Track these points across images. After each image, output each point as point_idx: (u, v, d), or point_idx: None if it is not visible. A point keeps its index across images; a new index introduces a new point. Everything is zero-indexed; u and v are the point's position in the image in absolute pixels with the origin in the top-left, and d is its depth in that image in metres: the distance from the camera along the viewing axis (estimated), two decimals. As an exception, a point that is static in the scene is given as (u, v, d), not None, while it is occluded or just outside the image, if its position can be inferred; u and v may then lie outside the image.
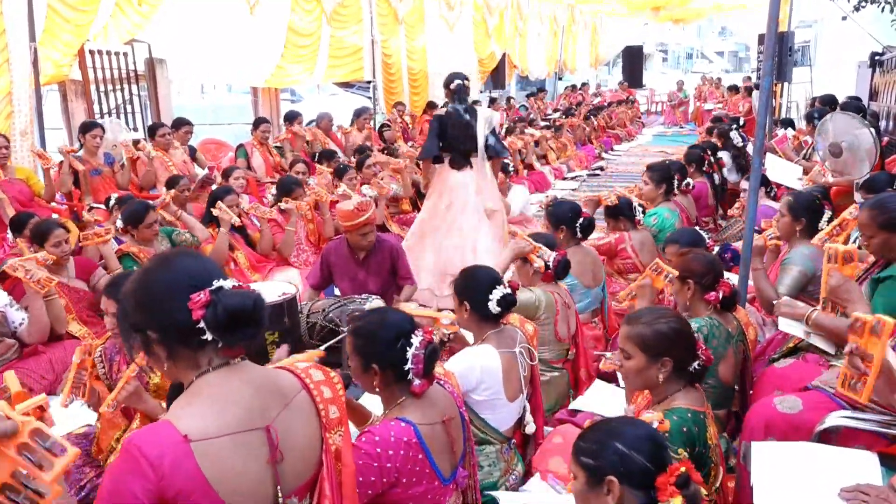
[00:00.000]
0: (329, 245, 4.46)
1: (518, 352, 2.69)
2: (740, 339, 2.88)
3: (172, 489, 1.27)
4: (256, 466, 1.38)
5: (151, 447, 1.28)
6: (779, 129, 8.22)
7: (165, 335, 1.39)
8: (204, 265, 1.43)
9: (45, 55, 5.95)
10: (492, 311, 2.65)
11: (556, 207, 4.05)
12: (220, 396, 1.38)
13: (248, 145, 7.27)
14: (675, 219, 4.91)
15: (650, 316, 2.15)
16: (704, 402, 2.16)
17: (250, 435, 1.38)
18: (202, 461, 1.30)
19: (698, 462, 2.00)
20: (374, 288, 4.23)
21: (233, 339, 1.39)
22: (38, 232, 3.75)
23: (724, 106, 16.29)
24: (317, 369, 1.59)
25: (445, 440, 2.02)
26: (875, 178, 4.58)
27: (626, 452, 1.55)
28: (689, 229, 4.00)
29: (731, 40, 41.37)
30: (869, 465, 2.03)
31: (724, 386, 2.82)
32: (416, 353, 1.96)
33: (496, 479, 2.59)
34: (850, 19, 10.93)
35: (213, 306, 1.35)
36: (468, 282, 2.74)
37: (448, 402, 2.11)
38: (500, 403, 2.62)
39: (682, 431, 1.99)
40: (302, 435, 1.49)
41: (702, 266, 2.86)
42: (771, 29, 3.31)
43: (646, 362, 2.10)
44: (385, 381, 2.01)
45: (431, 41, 12.20)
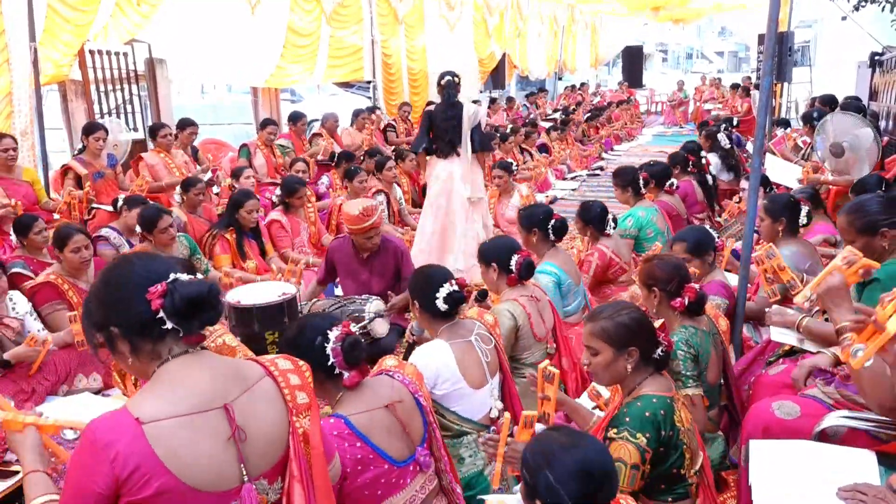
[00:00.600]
0: (334, 243, 4.48)
1: (473, 339, 2.73)
2: (714, 333, 2.87)
3: (126, 470, 1.33)
4: (215, 445, 1.42)
5: (104, 432, 1.35)
6: (778, 130, 8.23)
7: (127, 330, 1.45)
8: (161, 262, 1.51)
9: (45, 55, 5.95)
10: (440, 308, 2.69)
11: (528, 210, 4.04)
12: (177, 381, 1.44)
13: (251, 145, 7.28)
14: (652, 213, 4.97)
15: (611, 310, 2.22)
16: (672, 388, 2.22)
17: (208, 415, 1.42)
18: (154, 441, 1.35)
19: (666, 445, 2.06)
20: (377, 289, 4.23)
21: (191, 325, 1.46)
22: (58, 237, 3.77)
23: (724, 106, 16.30)
24: (285, 359, 1.64)
25: (393, 424, 2.08)
26: (865, 180, 4.58)
27: (553, 485, 1.53)
28: (698, 227, 4.00)
29: (730, 40, 41.36)
30: (867, 464, 2.04)
31: (712, 387, 2.82)
32: (334, 347, 2.06)
33: (481, 467, 2.61)
34: (850, 19, 10.93)
35: (171, 295, 1.42)
36: (418, 281, 2.81)
37: (393, 388, 2.17)
38: (465, 393, 2.65)
39: (644, 416, 2.05)
40: (266, 418, 1.52)
41: (665, 273, 2.81)
42: (771, 29, 3.31)
43: (613, 355, 2.16)
44: (318, 382, 2.06)
45: (431, 41, 12.20)
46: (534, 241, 3.92)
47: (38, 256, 4.13)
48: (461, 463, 2.61)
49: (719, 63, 42.96)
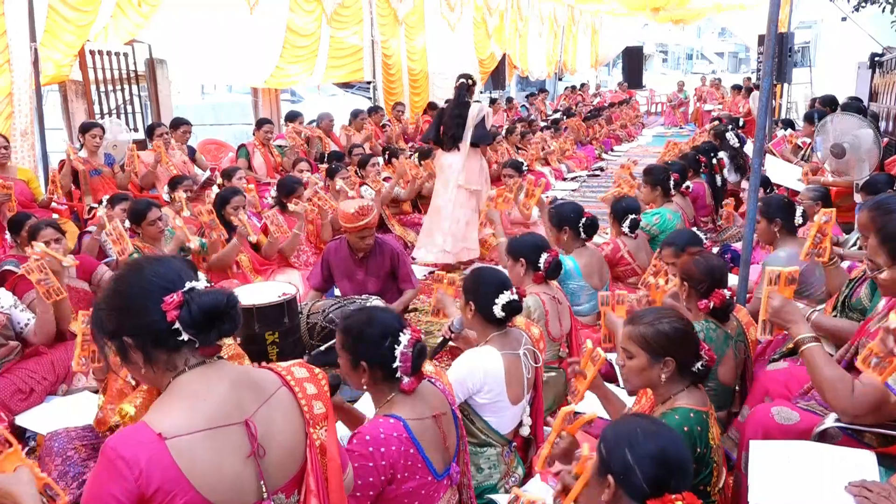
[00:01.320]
0: (329, 245, 4.48)
1: (522, 353, 2.68)
2: (740, 340, 2.87)
3: (151, 487, 1.29)
4: (236, 461, 1.39)
5: (127, 448, 1.30)
6: (778, 130, 8.22)
7: (141, 340, 1.40)
8: (174, 268, 1.45)
9: (45, 55, 5.95)
10: (496, 315, 2.64)
11: (559, 208, 4.03)
12: (196, 394, 1.40)
13: (249, 145, 7.27)
14: (678, 220, 4.95)
15: (653, 316, 2.15)
16: (707, 403, 2.16)
17: (228, 430, 1.39)
18: (178, 458, 1.31)
19: (700, 462, 2.00)
20: (372, 289, 4.24)
21: (209, 336, 1.41)
22: (29, 233, 3.76)
23: (724, 107, 16.30)
24: (300, 367, 1.61)
25: (437, 435, 2.03)
26: (875, 179, 4.59)
27: (630, 464, 1.56)
28: (687, 231, 4.01)
29: (730, 41, 41.34)
30: (867, 465, 2.03)
31: (724, 387, 2.82)
32: (404, 352, 1.98)
33: (496, 481, 2.59)
34: (850, 20, 10.93)
35: (187, 306, 1.37)
36: (476, 282, 2.71)
37: (438, 398, 2.12)
38: (503, 406, 2.62)
39: (683, 431, 1.99)
40: (284, 430, 1.49)
41: (699, 272, 2.84)
42: (771, 30, 3.31)
43: (648, 362, 2.11)
44: (373, 378, 2.03)
45: (432, 42, 12.20)
46: (564, 238, 3.92)
47: (31, 254, 4.13)
48: (479, 472, 2.57)
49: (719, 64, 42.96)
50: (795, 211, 3.81)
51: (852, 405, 2.06)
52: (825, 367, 2.10)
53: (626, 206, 4.44)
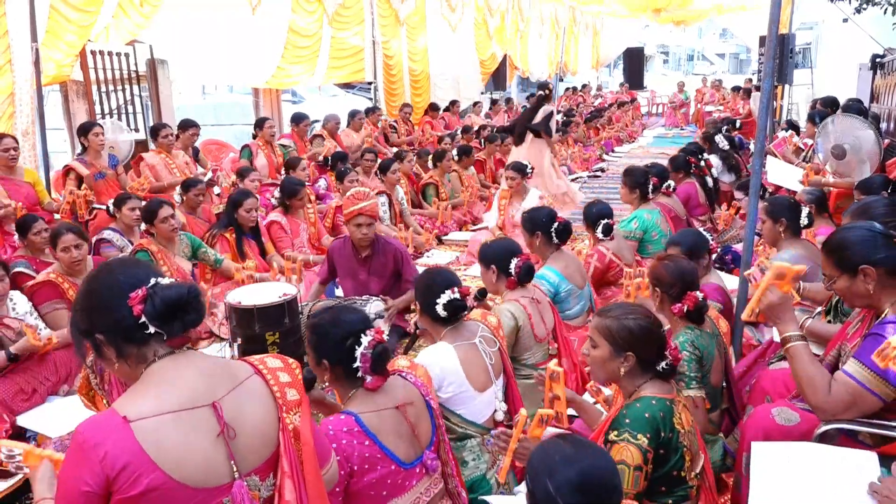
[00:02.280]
0: (334, 243, 4.50)
1: (477, 341, 2.72)
2: (717, 335, 2.86)
3: (115, 468, 1.34)
4: (204, 442, 1.43)
5: (92, 432, 1.36)
6: (779, 132, 8.22)
7: (112, 335, 1.48)
8: (142, 268, 1.54)
9: (46, 56, 5.96)
10: (439, 314, 2.68)
11: (532, 213, 4.02)
12: (164, 380, 1.46)
13: (252, 146, 7.27)
14: (656, 216, 4.98)
15: (621, 310, 2.21)
16: (672, 391, 2.20)
17: (195, 412, 1.44)
18: (143, 439, 1.36)
19: (667, 447, 2.05)
20: (375, 289, 4.24)
21: (173, 328, 1.48)
22: (49, 237, 3.80)
23: (725, 108, 16.30)
24: (274, 358, 1.65)
25: (401, 425, 2.08)
26: (871, 180, 4.58)
27: (552, 494, 1.54)
28: (692, 231, 3.99)
29: (731, 42, 41.36)
30: (868, 464, 2.03)
31: (715, 389, 2.82)
32: (364, 353, 2.05)
33: (483, 471, 2.60)
34: (851, 21, 10.93)
35: (151, 299, 1.45)
36: (421, 285, 2.80)
37: (405, 390, 2.17)
38: (469, 396, 2.64)
39: (644, 417, 2.04)
40: (255, 413, 1.53)
41: (669, 276, 2.80)
42: (772, 31, 3.31)
43: (610, 354, 2.16)
44: (335, 375, 2.10)
45: (433, 42, 12.21)
46: (537, 243, 3.91)
47: (41, 256, 4.14)
48: (464, 466, 2.60)
49: (720, 65, 42.96)
50: (801, 212, 3.80)
51: (826, 402, 2.13)
52: (808, 365, 2.16)
53: (598, 212, 4.44)
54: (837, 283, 2.29)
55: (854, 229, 2.33)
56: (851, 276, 2.23)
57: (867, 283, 2.20)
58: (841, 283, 2.27)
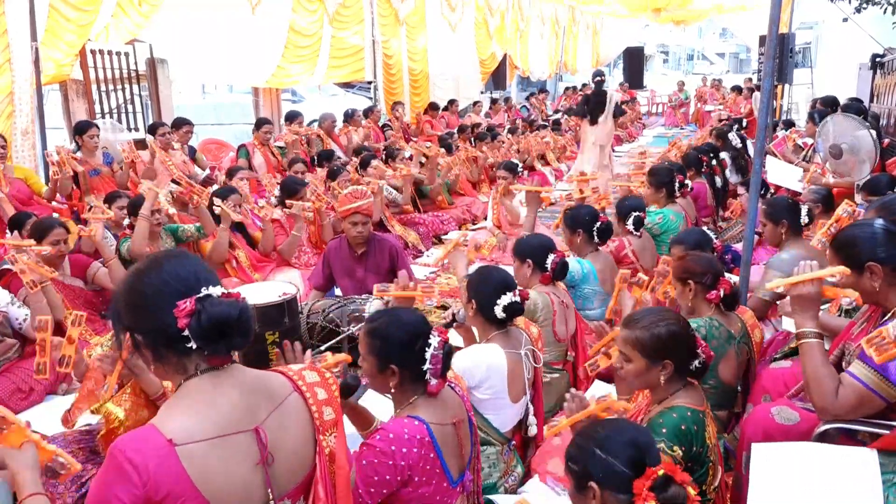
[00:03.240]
0: (330, 243, 4.50)
1: (524, 353, 2.69)
2: (744, 341, 2.87)
3: (160, 493, 1.28)
4: (245, 468, 1.38)
5: (136, 452, 1.29)
6: (779, 131, 8.22)
7: (152, 339, 1.39)
8: (194, 270, 1.42)
9: (46, 55, 5.96)
10: (497, 315, 2.65)
11: (575, 211, 4.05)
12: (207, 400, 1.38)
13: (249, 145, 7.27)
14: (680, 221, 4.94)
15: (648, 319, 2.15)
16: (704, 402, 2.17)
17: (238, 437, 1.38)
18: (188, 464, 1.30)
19: (695, 461, 2.01)
20: (372, 286, 4.23)
21: (217, 347, 1.38)
22: (37, 229, 3.77)
23: (725, 107, 16.28)
24: (311, 370, 1.59)
25: (455, 442, 2.01)
26: (877, 179, 4.58)
27: (605, 458, 1.61)
28: (696, 230, 3.99)
29: (731, 42, 41.32)
30: (868, 464, 2.03)
31: (725, 386, 2.82)
32: (435, 354, 1.96)
33: (495, 480, 2.59)
34: (851, 21, 10.93)
35: (198, 315, 1.34)
36: (480, 282, 2.72)
37: (458, 404, 2.10)
38: (503, 404, 2.62)
39: (680, 429, 2.01)
40: (294, 437, 1.48)
41: (701, 266, 2.86)
42: (772, 30, 3.31)
43: (646, 365, 2.11)
44: (401, 380, 2.00)
45: (433, 42, 12.20)
46: (577, 241, 3.94)
47: (33, 252, 4.14)
48: None
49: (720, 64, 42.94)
50: (800, 211, 3.80)
51: (832, 405, 2.12)
52: (819, 365, 2.15)
53: (631, 205, 4.45)
54: (844, 280, 2.28)
55: (862, 226, 2.32)
56: (858, 273, 2.22)
57: (874, 281, 2.20)
58: (848, 280, 2.26)
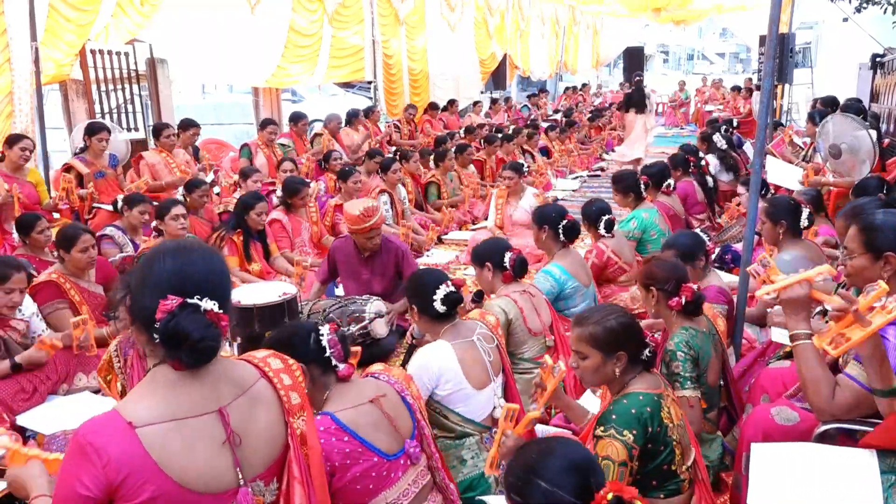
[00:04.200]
0: (336, 243, 4.51)
1: (475, 339, 2.72)
2: (713, 334, 2.87)
3: (120, 475, 1.32)
4: (211, 449, 1.41)
5: (97, 435, 1.33)
6: (778, 132, 8.22)
7: (132, 311, 1.44)
8: (205, 273, 1.44)
9: (46, 55, 5.96)
10: (438, 310, 2.69)
11: (542, 208, 4.10)
12: (170, 383, 1.42)
13: (252, 145, 7.27)
14: (654, 215, 4.98)
15: (598, 315, 2.21)
16: (661, 385, 2.21)
17: (202, 419, 1.41)
18: (149, 445, 1.34)
19: (655, 441, 2.06)
20: (378, 288, 4.24)
21: (174, 354, 1.39)
22: (64, 237, 3.74)
23: (725, 107, 16.29)
24: (275, 358, 1.64)
25: (380, 418, 2.10)
26: (866, 182, 4.57)
27: (550, 490, 1.52)
28: (688, 232, 3.99)
29: (731, 41, 41.34)
30: (867, 464, 2.04)
31: (712, 389, 2.82)
32: (331, 338, 2.12)
33: (482, 469, 2.58)
34: (852, 21, 10.93)
35: (171, 316, 1.36)
36: (414, 286, 2.81)
37: (377, 386, 2.19)
38: (468, 394, 2.64)
39: (630, 413, 2.05)
40: (261, 419, 1.52)
41: (663, 272, 2.83)
42: (772, 30, 3.31)
43: (602, 359, 2.17)
44: (313, 378, 2.09)
45: (432, 42, 12.21)
46: (543, 237, 3.95)
47: (41, 255, 4.14)
48: (463, 465, 2.60)
49: (720, 64, 42.94)
50: (801, 213, 3.80)
51: (829, 406, 2.12)
52: (814, 367, 2.14)
53: (599, 209, 4.45)
54: (855, 260, 2.28)
55: (893, 214, 2.31)
56: (874, 258, 2.22)
57: (885, 271, 2.20)
58: (858, 262, 2.26)
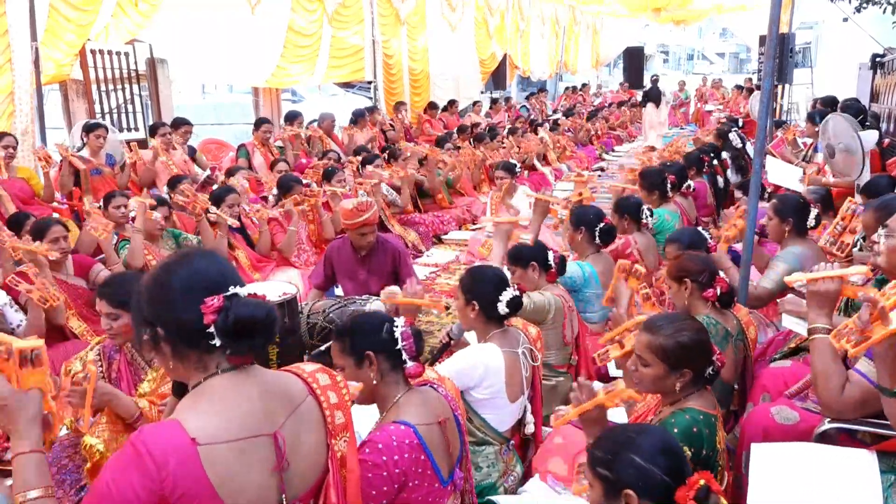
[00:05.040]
0: (332, 244, 4.50)
1: (521, 352, 2.69)
2: (740, 339, 2.87)
3: (176, 491, 1.27)
4: (261, 472, 1.38)
5: (158, 446, 1.28)
6: (777, 132, 8.22)
7: (174, 334, 1.39)
8: (222, 269, 1.44)
9: (46, 55, 5.96)
10: (500, 311, 2.65)
11: (581, 208, 4.06)
12: (228, 400, 1.38)
13: (249, 145, 7.27)
14: (676, 220, 4.96)
15: (673, 327, 2.12)
16: (716, 406, 2.16)
17: (257, 441, 1.38)
18: (208, 466, 1.30)
19: (705, 464, 2.00)
20: (375, 288, 4.23)
21: (240, 347, 1.39)
22: (36, 228, 3.77)
23: (725, 107, 16.28)
24: (323, 373, 1.60)
25: (442, 441, 2.02)
26: (876, 181, 4.57)
27: (645, 466, 1.54)
28: (691, 229, 4.00)
29: (731, 41, 41.29)
30: (867, 464, 2.03)
31: (723, 384, 2.82)
32: (404, 331, 2.03)
33: (494, 479, 2.58)
34: (851, 21, 10.93)
35: (225, 312, 1.35)
36: (477, 282, 2.72)
37: (441, 404, 2.11)
38: (501, 403, 2.62)
39: (691, 431, 2.00)
40: (308, 441, 1.49)
41: (697, 265, 2.88)
42: (772, 30, 3.31)
43: (665, 372, 2.10)
44: (381, 370, 2.02)
45: (433, 42, 12.20)
46: (578, 238, 3.94)
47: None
48: (477, 471, 2.56)
49: (720, 64, 42.92)
50: (809, 213, 3.79)
51: (837, 401, 2.11)
52: (829, 361, 2.13)
53: (637, 201, 4.48)
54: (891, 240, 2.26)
55: None
56: None
57: None
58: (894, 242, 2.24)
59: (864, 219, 2.91)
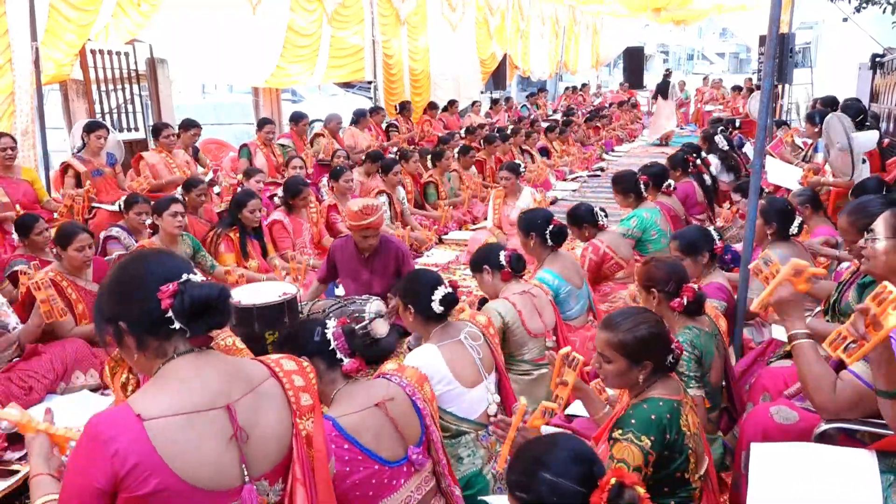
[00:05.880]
0: (336, 242, 4.52)
1: (462, 338, 2.73)
2: (716, 333, 2.86)
3: (125, 466, 1.33)
4: (216, 445, 1.42)
5: (106, 428, 1.35)
6: (777, 132, 8.23)
7: (136, 325, 1.46)
8: (175, 261, 1.52)
9: (46, 55, 5.96)
10: (436, 311, 2.69)
11: (528, 214, 4.03)
12: (181, 379, 1.45)
13: (251, 145, 7.27)
14: (655, 215, 4.98)
15: (629, 322, 2.16)
16: (680, 391, 2.19)
17: (210, 414, 1.43)
18: (156, 439, 1.35)
19: (672, 448, 2.04)
20: (378, 289, 4.24)
21: (198, 326, 1.47)
22: (62, 235, 3.76)
23: (725, 107, 16.29)
24: (289, 359, 1.65)
25: (383, 422, 2.09)
26: (865, 183, 4.57)
27: (555, 481, 1.54)
28: (695, 227, 3.98)
29: (731, 41, 41.32)
30: (867, 464, 2.04)
31: (714, 388, 2.82)
32: (335, 331, 2.13)
33: (479, 466, 2.59)
34: (851, 21, 10.93)
35: (181, 296, 1.43)
36: (411, 285, 2.80)
37: (385, 389, 2.18)
38: (458, 393, 2.64)
39: (650, 419, 2.02)
40: (269, 418, 1.53)
41: (663, 273, 2.81)
42: (772, 30, 3.31)
43: (627, 366, 2.14)
44: (319, 372, 2.08)
45: (433, 42, 12.20)
46: (531, 245, 3.91)
47: (41, 255, 4.14)
48: (460, 462, 2.60)
49: (720, 64, 42.94)
50: (794, 219, 3.81)
51: (831, 402, 2.11)
52: (814, 364, 2.14)
53: (587, 208, 4.49)
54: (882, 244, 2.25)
55: None
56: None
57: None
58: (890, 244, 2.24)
59: (840, 223, 2.92)
